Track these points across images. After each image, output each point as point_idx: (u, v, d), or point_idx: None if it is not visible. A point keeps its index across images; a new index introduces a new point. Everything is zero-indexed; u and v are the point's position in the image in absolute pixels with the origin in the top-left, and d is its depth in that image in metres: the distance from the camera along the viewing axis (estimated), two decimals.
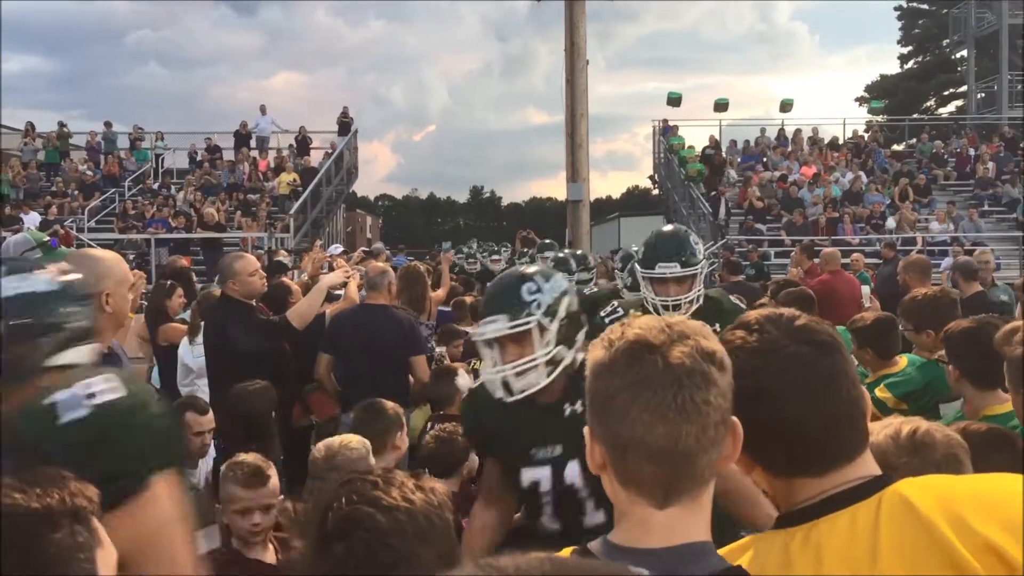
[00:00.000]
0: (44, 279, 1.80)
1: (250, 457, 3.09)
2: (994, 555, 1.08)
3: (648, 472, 1.15)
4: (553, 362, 2.44)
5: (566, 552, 1.21)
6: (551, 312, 2.45)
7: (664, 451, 1.13)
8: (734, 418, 1.20)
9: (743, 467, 1.32)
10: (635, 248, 7.25)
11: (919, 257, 6.68)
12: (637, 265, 3.58)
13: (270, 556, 2.99)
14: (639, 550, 1.14)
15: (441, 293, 7.47)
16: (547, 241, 9.95)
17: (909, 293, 4.36)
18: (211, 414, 4.05)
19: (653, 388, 1.14)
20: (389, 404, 3.71)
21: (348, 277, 5.39)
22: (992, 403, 2.99)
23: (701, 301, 3.54)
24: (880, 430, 1.69)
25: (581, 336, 2.54)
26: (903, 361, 3.98)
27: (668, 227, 3.79)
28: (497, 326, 2.44)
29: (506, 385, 2.46)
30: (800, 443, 1.26)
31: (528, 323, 2.42)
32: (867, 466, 1.28)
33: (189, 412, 3.98)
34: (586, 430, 1.22)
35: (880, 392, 3.71)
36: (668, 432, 1.13)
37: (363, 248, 11.96)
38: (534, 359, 2.42)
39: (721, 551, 1.33)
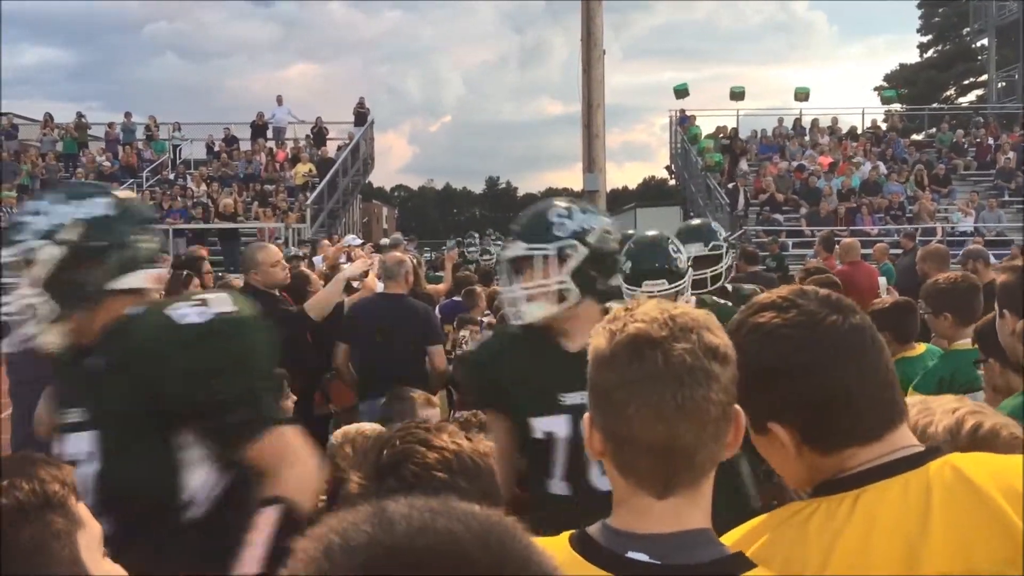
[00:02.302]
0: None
1: None
2: None
3: (647, 466, 1.14)
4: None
5: (563, 537, 1.20)
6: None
7: (663, 448, 1.13)
8: (737, 407, 1.18)
9: (785, 455, 1.29)
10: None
11: (937, 246, 6.60)
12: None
13: None
14: (639, 535, 1.14)
15: (443, 287, 7.91)
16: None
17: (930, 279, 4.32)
18: None
19: (653, 386, 1.12)
20: (418, 392, 3.68)
21: (369, 267, 5.37)
22: None
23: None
24: (940, 419, 1.59)
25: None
26: (921, 347, 3.94)
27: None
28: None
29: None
30: (857, 409, 1.25)
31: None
32: (909, 435, 1.28)
33: None
34: (586, 416, 1.21)
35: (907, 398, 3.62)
36: (667, 430, 1.12)
37: (371, 243, 12.15)
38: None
39: (753, 521, 1.32)
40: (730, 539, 1.26)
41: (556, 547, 1.15)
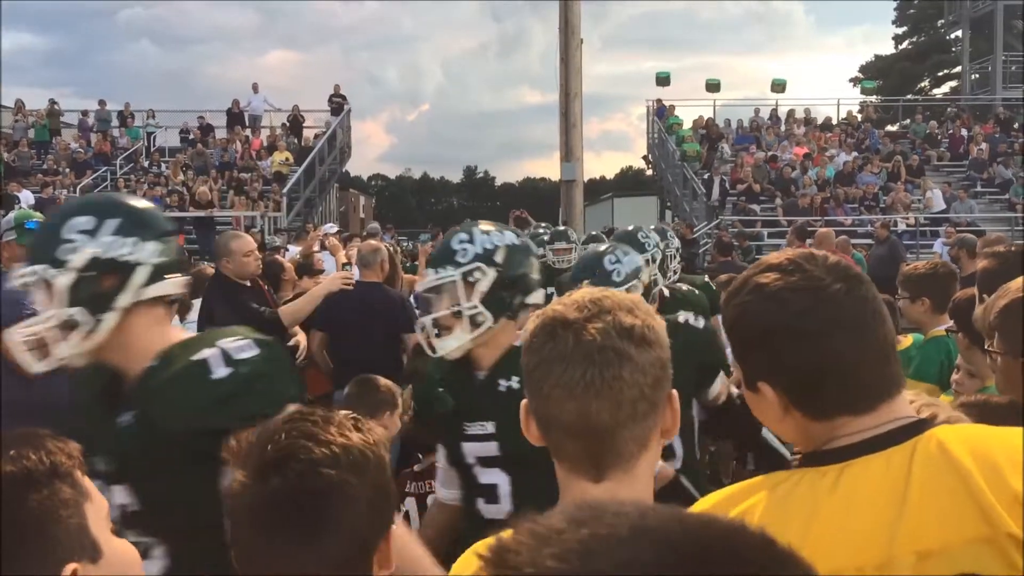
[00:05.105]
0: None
1: None
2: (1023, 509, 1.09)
3: (571, 447, 1.17)
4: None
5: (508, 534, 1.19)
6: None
7: (577, 427, 1.15)
8: (673, 391, 1.20)
9: (774, 414, 1.27)
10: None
11: (998, 236, 6.16)
12: None
13: None
14: None
15: (419, 278, 7.90)
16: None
17: (909, 266, 4.33)
18: None
19: (563, 364, 1.16)
20: (383, 381, 3.66)
21: (347, 283, 4.99)
22: None
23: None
24: None
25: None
26: (907, 340, 3.98)
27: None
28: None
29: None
30: (852, 379, 1.23)
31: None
32: (906, 405, 1.27)
33: None
34: (523, 403, 1.24)
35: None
36: (578, 408, 1.15)
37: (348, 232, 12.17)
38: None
39: (732, 487, 1.31)
40: (709, 502, 1.26)
41: None
